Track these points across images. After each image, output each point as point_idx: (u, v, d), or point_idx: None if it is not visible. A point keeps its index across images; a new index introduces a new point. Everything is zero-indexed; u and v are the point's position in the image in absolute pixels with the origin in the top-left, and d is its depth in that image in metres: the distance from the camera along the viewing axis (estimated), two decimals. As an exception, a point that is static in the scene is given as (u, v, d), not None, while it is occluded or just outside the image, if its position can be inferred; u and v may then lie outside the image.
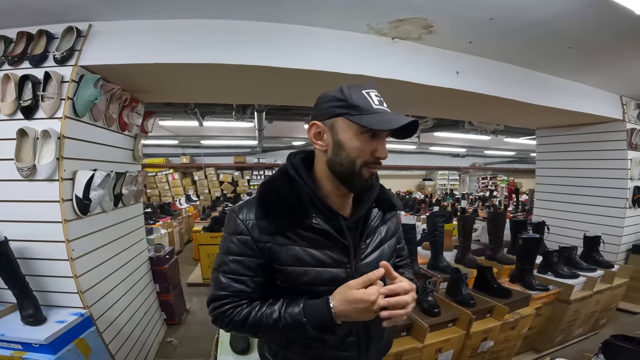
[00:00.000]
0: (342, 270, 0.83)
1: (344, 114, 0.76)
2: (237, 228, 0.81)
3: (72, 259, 1.55)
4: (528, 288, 2.23)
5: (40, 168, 1.48)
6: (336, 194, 0.84)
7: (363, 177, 0.79)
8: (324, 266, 0.81)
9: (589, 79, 2.70)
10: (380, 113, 0.75)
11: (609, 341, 1.24)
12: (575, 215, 3.39)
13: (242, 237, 0.80)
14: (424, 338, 1.67)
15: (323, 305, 0.75)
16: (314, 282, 0.81)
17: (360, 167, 0.78)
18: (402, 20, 1.76)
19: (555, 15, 1.65)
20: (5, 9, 1.50)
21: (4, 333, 1.44)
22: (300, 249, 0.80)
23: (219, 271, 0.83)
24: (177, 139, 8.48)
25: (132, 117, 2.13)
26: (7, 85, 1.55)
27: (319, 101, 0.82)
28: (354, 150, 0.76)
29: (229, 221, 0.84)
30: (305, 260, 0.80)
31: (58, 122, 1.53)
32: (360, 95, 0.77)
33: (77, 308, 1.62)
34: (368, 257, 0.87)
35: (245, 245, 0.80)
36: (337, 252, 0.83)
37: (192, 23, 1.68)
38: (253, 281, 0.82)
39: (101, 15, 1.62)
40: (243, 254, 0.81)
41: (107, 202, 1.80)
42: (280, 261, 0.80)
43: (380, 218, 0.92)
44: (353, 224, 0.86)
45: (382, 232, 0.93)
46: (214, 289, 0.83)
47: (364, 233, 0.87)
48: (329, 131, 0.79)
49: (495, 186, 11.23)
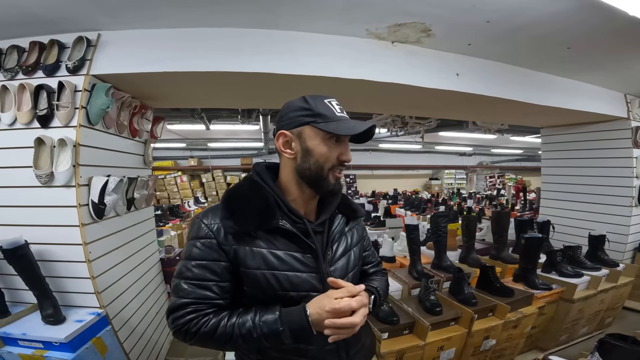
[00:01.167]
0: (312, 276, 0.83)
1: (310, 122, 0.81)
2: (201, 232, 0.80)
3: (89, 261, 1.62)
4: (531, 287, 2.25)
5: (57, 175, 1.55)
6: (302, 198, 0.87)
7: (330, 182, 0.83)
8: (292, 270, 0.81)
9: (591, 78, 2.70)
10: (343, 120, 0.82)
11: (604, 340, 1.27)
12: (581, 214, 3.38)
13: (207, 241, 0.79)
14: (426, 336, 1.71)
15: (301, 314, 0.76)
16: (284, 285, 0.80)
17: (327, 172, 0.82)
18: (400, 25, 1.80)
19: (548, 17, 1.67)
20: (17, 19, 1.56)
21: (26, 332, 1.49)
22: (267, 251, 0.80)
23: (180, 278, 0.79)
24: (185, 142, 8.61)
25: (142, 123, 2.19)
26: (23, 94, 1.61)
27: (285, 111, 0.85)
28: (321, 155, 0.81)
29: (193, 227, 0.82)
30: (272, 263, 0.80)
31: (73, 130, 1.59)
32: (324, 104, 0.82)
33: (94, 308, 1.67)
34: (337, 262, 0.89)
35: (209, 248, 0.79)
36: (306, 256, 0.83)
37: (190, 32, 1.74)
38: (218, 286, 0.79)
39: (107, 24, 1.67)
40: (207, 257, 0.79)
41: (120, 206, 1.87)
42: (247, 264, 0.79)
43: (344, 224, 0.96)
44: (318, 227, 0.88)
45: (349, 239, 0.96)
46: (174, 298, 0.79)
47: (329, 237, 0.89)
48: (297, 139, 0.83)
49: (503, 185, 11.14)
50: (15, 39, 1.68)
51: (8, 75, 1.65)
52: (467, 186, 11.27)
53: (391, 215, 4.94)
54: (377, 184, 10.69)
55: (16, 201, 1.61)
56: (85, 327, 1.56)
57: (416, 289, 2.12)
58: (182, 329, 0.78)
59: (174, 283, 0.81)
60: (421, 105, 2.72)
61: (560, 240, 3.20)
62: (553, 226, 3.01)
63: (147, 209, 2.34)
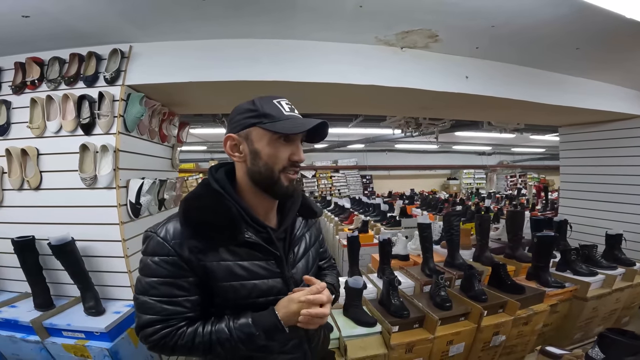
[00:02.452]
0: (277, 280, 0.85)
1: (256, 124, 0.78)
2: (161, 249, 0.76)
3: (127, 256, 1.77)
4: (543, 285, 2.26)
5: (100, 178, 1.72)
6: (261, 205, 0.86)
7: (283, 184, 0.81)
8: (259, 278, 0.82)
9: (605, 77, 2.68)
10: (291, 119, 0.79)
11: (604, 334, 1.31)
12: (599, 213, 3.34)
13: (169, 258, 0.76)
14: (435, 330, 1.77)
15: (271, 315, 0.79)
16: (252, 294, 0.81)
17: (278, 174, 0.80)
18: (407, 32, 1.88)
19: (551, 20, 1.71)
20: (58, 32, 1.69)
21: (70, 323, 1.61)
22: (234, 264, 0.80)
23: (146, 295, 0.77)
24: (206, 145, 8.90)
25: (169, 129, 2.36)
26: (67, 104, 1.75)
27: (232, 115, 0.83)
28: (270, 157, 0.79)
29: (149, 242, 0.78)
30: (239, 275, 0.80)
31: (113, 137, 1.75)
32: (271, 104, 0.81)
33: (130, 300, 1.80)
34: (297, 264, 0.91)
35: (173, 266, 0.76)
36: (270, 262, 0.84)
37: (213, 43, 1.86)
38: (188, 300, 0.79)
39: (137, 37, 1.79)
40: (173, 275, 0.76)
41: (153, 206, 2.04)
42: (216, 278, 0.78)
43: (304, 226, 0.97)
44: (281, 234, 0.89)
45: (307, 239, 0.97)
46: (142, 314, 0.77)
47: (292, 242, 0.90)
48: (245, 142, 0.80)
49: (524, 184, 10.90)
50: (55, 50, 1.81)
51: (51, 85, 1.80)
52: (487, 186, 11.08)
53: (407, 215, 4.98)
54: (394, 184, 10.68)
55: (63, 202, 1.78)
56: (122, 318, 1.68)
57: (428, 285, 2.17)
58: (158, 344, 0.77)
59: (138, 300, 0.78)
60: (432, 107, 2.77)
61: (579, 239, 3.16)
62: (570, 225, 2.99)
63: (175, 209, 2.49)
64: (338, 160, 11.23)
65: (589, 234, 3.32)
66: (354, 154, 11.36)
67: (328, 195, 10.04)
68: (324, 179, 10.98)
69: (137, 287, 0.80)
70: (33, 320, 1.58)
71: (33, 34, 1.70)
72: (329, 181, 10.93)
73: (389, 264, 2.33)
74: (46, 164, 1.79)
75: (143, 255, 0.79)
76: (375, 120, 6.07)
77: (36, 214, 1.80)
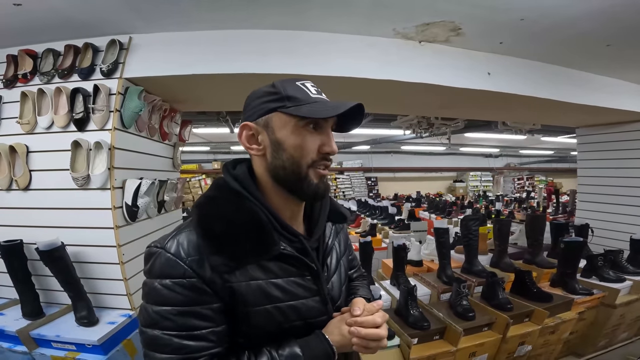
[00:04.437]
0: (316, 300, 0.71)
1: (278, 108, 0.65)
2: (174, 269, 0.59)
3: (122, 263, 1.65)
4: (571, 292, 2.14)
5: (94, 177, 1.59)
6: (287, 208, 0.71)
7: (312, 182, 0.67)
8: (297, 298, 0.68)
9: (633, 76, 2.57)
10: (319, 102, 0.66)
11: None
12: (620, 217, 3.19)
13: (186, 281, 0.59)
14: (458, 342, 1.65)
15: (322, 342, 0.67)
16: (291, 318, 0.67)
17: (307, 169, 0.66)
18: (428, 24, 1.77)
19: (586, 14, 1.61)
20: (54, 22, 1.59)
21: (59, 334, 1.50)
22: (267, 283, 0.65)
23: (156, 328, 0.59)
24: (209, 146, 8.83)
25: (171, 126, 2.25)
26: (60, 98, 1.64)
27: (248, 101, 0.71)
28: (295, 148, 0.65)
29: (155, 261, 0.61)
30: (274, 296, 0.65)
31: (108, 133, 1.63)
32: (294, 86, 0.67)
33: (126, 309, 1.69)
34: (332, 278, 0.77)
35: (192, 290, 0.59)
36: (306, 279, 0.70)
37: (219, 34, 1.75)
38: (214, 333, 0.61)
39: (138, 27, 1.69)
40: (193, 302, 0.60)
41: (152, 209, 1.91)
42: (246, 302, 0.63)
43: (334, 233, 0.84)
44: (314, 243, 0.74)
45: (337, 248, 0.83)
46: (155, 353, 0.59)
47: (325, 252, 0.77)
48: (264, 131, 0.67)
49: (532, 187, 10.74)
50: (50, 42, 1.72)
51: (44, 79, 1.70)
52: (494, 188, 10.94)
53: (415, 219, 4.85)
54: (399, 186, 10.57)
55: (53, 203, 1.66)
56: (117, 329, 1.58)
57: (446, 293, 2.06)
58: None
59: (147, 335, 0.60)
60: (451, 105, 2.65)
61: (599, 244, 3.03)
62: (592, 230, 2.85)
63: (175, 212, 2.39)
64: (343, 162, 11.13)
65: (609, 239, 3.19)
66: (359, 156, 11.28)
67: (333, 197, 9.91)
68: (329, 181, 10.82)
69: (144, 318, 0.61)
70: (19, 331, 1.47)
71: (26, 24, 1.59)
72: (334, 183, 10.80)
73: (403, 270, 2.21)
74: (36, 162, 1.68)
75: (148, 277, 0.62)
76: (384, 120, 5.94)
77: (25, 217, 1.68)
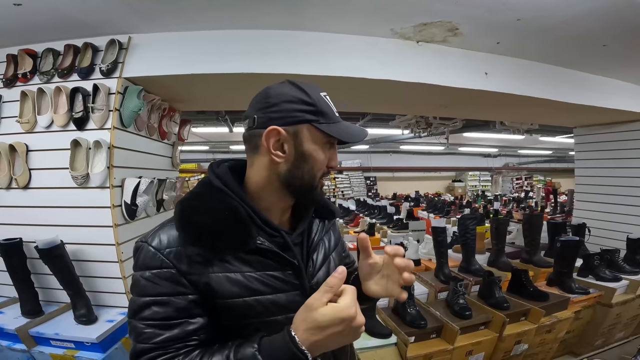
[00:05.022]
0: (296, 293, 0.70)
1: (312, 122, 0.66)
2: (153, 261, 0.62)
3: (121, 261, 1.65)
4: (567, 291, 2.16)
5: (93, 176, 1.60)
6: (278, 207, 0.74)
7: (319, 192, 0.72)
8: (277, 292, 0.68)
9: (629, 76, 2.58)
10: (342, 123, 0.71)
11: None
12: (617, 217, 3.20)
13: (162, 272, 0.62)
14: (454, 340, 1.67)
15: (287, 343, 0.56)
16: (271, 310, 0.67)
17: (318, 180, 0.71)
18: (426, 24, 1.78)
19: (583, 15, 1.61)
20: (54, 22, 1.60)
21: (58, 332, 1.50)
22: (245, 275, 0.65)
23: (137, 319, 0.63)
24: (208, 145, 8.83)
25: (170, 125, 2.26)
26: (59, 97, 1.65)
27: (274, 100, 0.67)
28: (316, 162, 0.68)
29: (139, 254, 0.65)
30: (253, 289, 0.66)
31: (107, 132, 1.64)
32: (323, 100, 0.68)
33: (125, 308, 1.67)
34: (318, 273, 0.77)
35: (168, 280, 0.62)
36: (287, 273, 0.70)
37: (219, 34, 1.76)
38: (188, 323, 0.63)
39: (137, 27, 1.70)
40: (168, 292, 0.62)
41: (151, 208, 1.92)
42: (223, 294, 0.64)
43: (322, 229, 0.83)
44: (297, 239, 0.75)
45: (326, 243, 0.83)
46: (135, 342, 0.63)
47: (310, 248, 0.77)
48: (291, 141, 0.66)
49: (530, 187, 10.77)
50: (49, 42, 1.72)
51: (44, 78, 1.71)
52: (492, 188, 10.96)
53: (414, 218, 4.86)
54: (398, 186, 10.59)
55: (52, 202, 1.67)
56: (116, 327, 1.58)
57: (443, 292, 2.07)
58: None
59: (131, 325, 0.64)
60: (449, 105, 2.66)
61: (596, 243, 3.05)
62: (589, 229, 2.87)
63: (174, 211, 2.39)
64: (342, 161, 11.13)
65: (606, 238, 3.20)
66: (357, 155, 11.29)
67: (332, 197, 9.94)
68: (328, 180, 10.85)
69: (129, 309, 0.65)
70: (18, 328, 1.48)
71: (26, 24, 1.60)
72: (333, 182, 10.81)
73: (401, 269, 2.21)
74: (35, 161, 1.68)
75: (134, 270, 0.65)
76: (383, 120, 5.95)
77: (24, 215, 1.68)
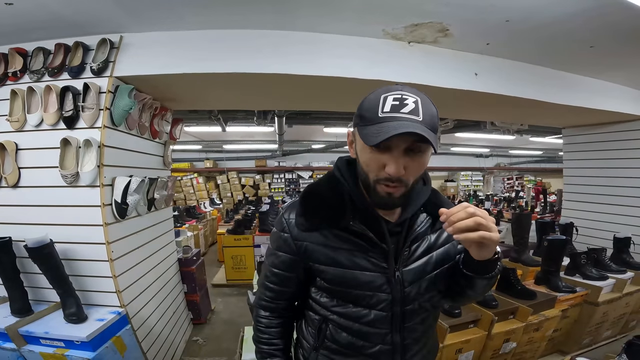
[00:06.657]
0: (379, 275, 0.79)
1: (355, 125, 0.73)
2: (281, 225, 0.83)
3: (111, 260, 1.65)
4: (554, 290, 2.20)
5: (83, 175, 1.59)
6: None
7: (379, 194, 0.72)
8: (360, 269, 0.78)
9: (615, 77, 2.62)
10: (381, 123, 0.64)
11: (633, 342, 1.24)
12: (605, 216, 3.27)
13: (284, 235, 0.82)
14: (444, 338, 1.69)
15: None
16: (350, 283, 0.79)
17: (374, 183, 0.71)
18: (417, 25, 1.79)
19: (570, 16, 1.64)
20: (44, 21, 1.59)
21: (48, 331, 1.51)
22: (334, 250, 0.78)
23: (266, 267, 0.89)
24: (201, 144, 8.76)
25: (161, 124, 2.25)
26: (49, 96, 1.65)
27: None
28: (364, 164, 0.72)
29: (279, 219, 0.86)
30: (340, 262, 0.78)
31: (98, 131, 1.63)
32: (372, 102, 0.68)
33: (115, 307, 1.70)
34: (413, 263, 0.81)
35: (285, 242, 0.82)
36: (377, 256, 0.79)
37: (210, 33, 1.76)
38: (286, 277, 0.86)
39: (130, 26, 1.70)
40: (283, 250, 0.83)
41: (141, 207, 1.91)
42: (318, 260, 0.80)
43: (429, 224, 0.84)
44: (396, 227, 0.80)
45: (432, 239, 0.84)
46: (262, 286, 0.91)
47: (408, 238, 0.80)
48: (354, 141, 0.77)
49: (521, 187, 10.90)
50: (40, 41, 1.71)
51: (34, 77, 1.69)
52: (484, 188, 11.06)
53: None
54: (392, 185, 10.58)
55: (42, 200, 1.66)
56: (106, 325, 1.58)
57: (434, 291, 2.09)
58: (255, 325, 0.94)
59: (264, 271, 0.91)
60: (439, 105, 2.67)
61: (584, 242, 3.10)
62: (576, 228, 2.92)
63: (166, 210, 2.38)
64: (334, 161, 11.08)
65: (594, 237, 3.26)
66: (351, 156, 11.20)
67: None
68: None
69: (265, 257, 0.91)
70: (8, 327, 1.47)
71: (17, 23, 1.58)
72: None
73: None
74: (25, 159, 1.67)
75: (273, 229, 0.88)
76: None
77: (14, 214, 1.67)
